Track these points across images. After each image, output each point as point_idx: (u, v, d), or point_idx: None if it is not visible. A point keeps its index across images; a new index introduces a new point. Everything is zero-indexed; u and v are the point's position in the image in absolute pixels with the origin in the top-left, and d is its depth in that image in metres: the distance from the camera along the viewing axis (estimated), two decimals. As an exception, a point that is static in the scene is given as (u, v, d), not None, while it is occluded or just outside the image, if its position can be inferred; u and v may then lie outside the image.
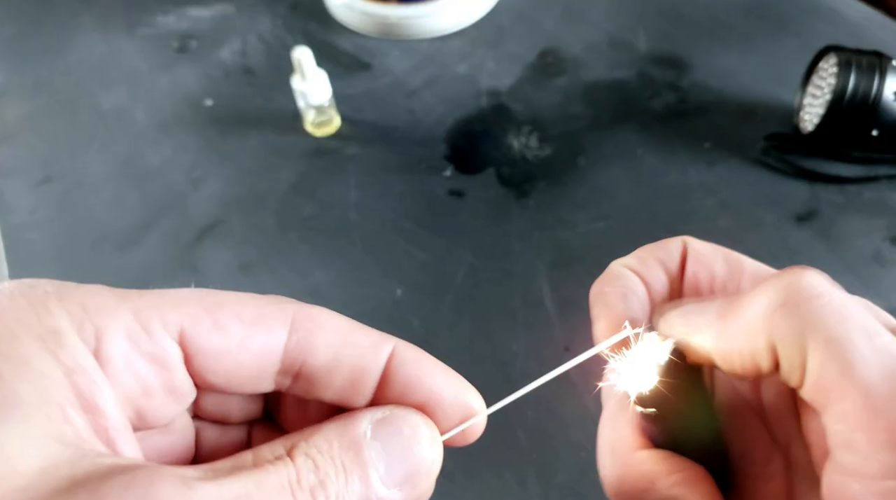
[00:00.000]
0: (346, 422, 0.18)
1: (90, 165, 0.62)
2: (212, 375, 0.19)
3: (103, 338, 0.17)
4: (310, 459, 0.17)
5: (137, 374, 0.18)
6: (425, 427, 0.19)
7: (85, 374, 0.16)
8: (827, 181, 0.56)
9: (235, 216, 0.58)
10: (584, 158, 0.60)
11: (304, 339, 0.19)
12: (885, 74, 0.52)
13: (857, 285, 0.50)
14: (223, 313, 0.18)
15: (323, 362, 0.19)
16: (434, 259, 0.54)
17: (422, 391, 0.20)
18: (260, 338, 0.19)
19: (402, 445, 0.19)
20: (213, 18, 0.74)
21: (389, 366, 0.20)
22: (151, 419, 0.18)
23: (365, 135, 0.63)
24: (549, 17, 0.71)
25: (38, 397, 0.15)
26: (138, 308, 0.18)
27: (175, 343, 0.18)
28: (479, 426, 0.21)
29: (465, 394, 0.21)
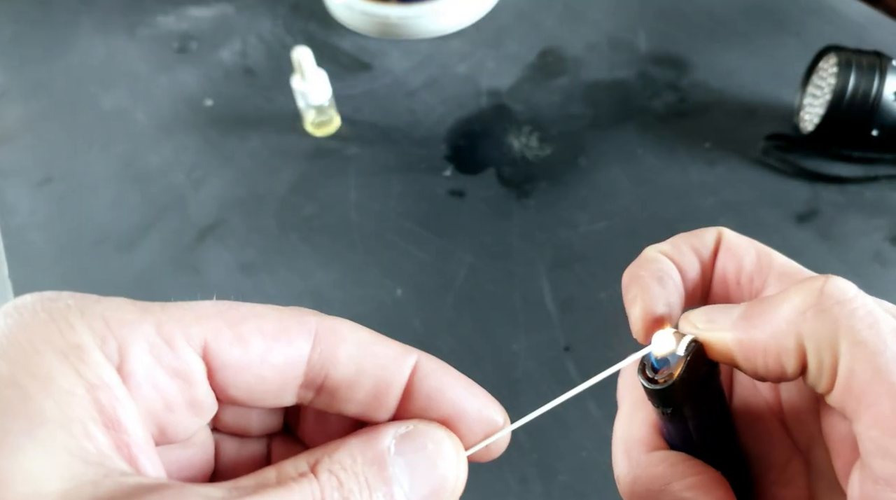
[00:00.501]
0: (369, 437, 0.18)
1: (90, 165, 0.62)
2: (234, 389, 0.18)
3: (126, 352, 0.17)
4: (333, 475, 0.17)
5: (160, 388, 0.17)
6: (449, 442, 0.19)
7: (107, 389, 0.16)
8: (827, 181, 0.56)
9: (236, 217, 0.58)
10: (584, 158, 0.60)
11: (327, 351, 0.19)
12: (885, 74, 0.52)
13: (858, 285, 0.50)
14: (245, 326, 0.18)
15: (346, 375, 0.19)
16: (434, 259, 0.54)
17: (445, 405, 0.20)
18: (282, 351, 0.18)
19: (426, 461, 0.18)
20: (213, 19, 0.74)
21: (412, 379, 0.20)
22: (172, 433, 0.18)
23: (365, 135, 0.63)
24: (549, 17, 0.71)
25: (62, 413, 0.15)
26: (161, 322, 0.17)
27: (198, 357, 0.18)
28: (503, 440, 0.21)
29: (489, 408, 0.20)
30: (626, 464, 0.23)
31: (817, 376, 0.19)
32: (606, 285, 0.52)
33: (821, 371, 0.18)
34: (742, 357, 0.20)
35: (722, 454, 0.22)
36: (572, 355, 0.49)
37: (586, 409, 0.46)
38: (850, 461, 0.19)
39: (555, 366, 0.48)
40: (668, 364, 0.21)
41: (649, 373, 0.21)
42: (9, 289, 0.55)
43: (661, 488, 0.21)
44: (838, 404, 0.18)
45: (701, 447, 0.22)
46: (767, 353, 0.19)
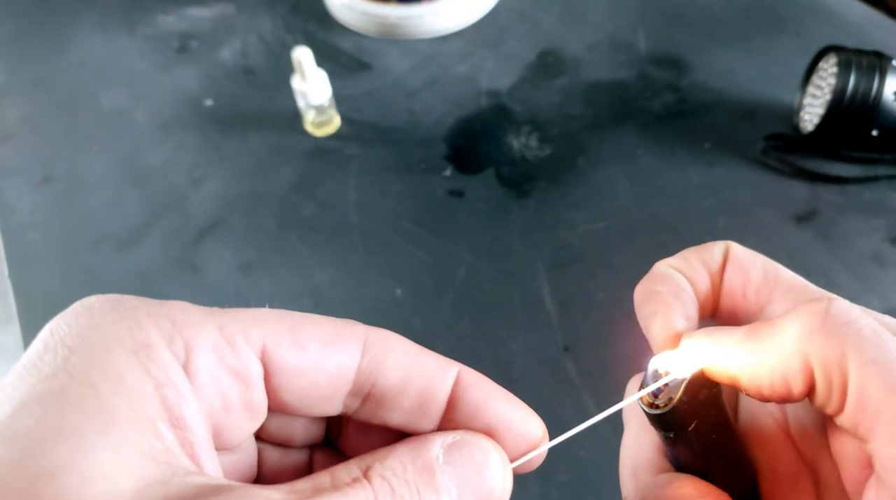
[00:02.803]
0: (418, 444, 0.18)
1: (90, 165, 0.62)
2: (287, 393, 0.19)
3: (192, 352, 0.17)
4: (385, 482, 0.17)
5: (221, 388, 0.18)
6: (496, 454, 0.19)
7: (174, 388, 0.17)
8: (827, 181, 0.56)
9: (235, 216, 0.58)
10: (584, 158, 0.60)
11: (376, 359, 0.19)
12: (885, 74, 0.52)
13: (857, 286, 0.50)
14: (303, 331, 0.19)
15: (393, 384, 0.19)
16: (434, 259, 0.54)
17: (489, 416, 0.20)
18: (336, 357, 0.19)
19: (473, 471, 0.19)
20: (213, 18, 0.74)
21: (455, 389, 0.20)
22: (226, 437, 0.18)
23: (365, 135, 0.63)
24: (549, 17, 0.71)
25: (133, 412, 0.16)
26: (223, 324, 0.18)
27: (257, 359, 0.18)
28: (541, 459, 0.21)
29: (530, 421, 0.21)
30: (633, 486, 0.23)
31: (826, 397, 0.19)
32: (605, 286, 0.52)
33: (830, 392, 0.19)
34: (747, 380, 0.20)
35: (728, 473, 0.22)
36: (571, 355, 0.49)
37: (585, 409, 0.46)
38: (860, 478, 0.19)
39: (554, 366, 0.48)
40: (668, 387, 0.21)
41: (649, 398, 0.21)
42: (8, 288, 0.55)
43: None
44: (850, 423, 0.18)
45: (706, 468, 0.22)
46: (773, 375, 0.19)
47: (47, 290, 0.55)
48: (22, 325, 0.53)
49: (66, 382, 0.16)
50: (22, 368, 0.16)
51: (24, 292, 0.55)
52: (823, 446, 0.22)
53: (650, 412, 0.21)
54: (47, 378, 0.16)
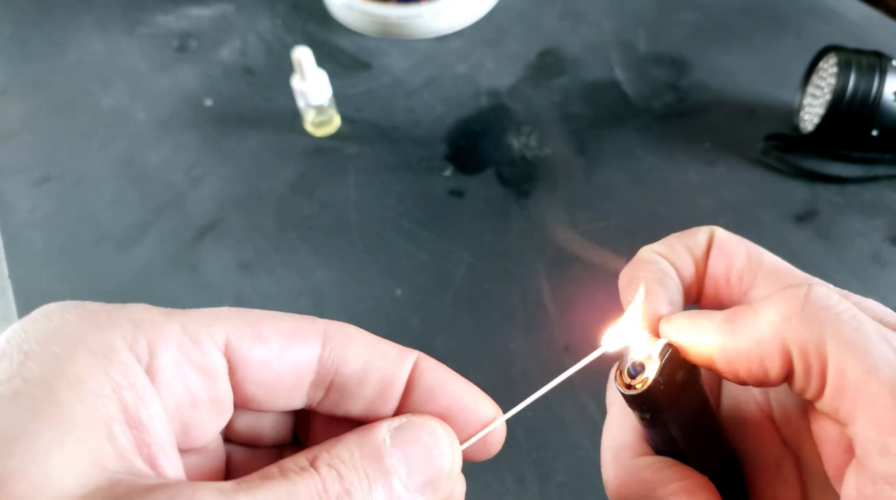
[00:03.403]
0: (365, 431, 0.19)
1: (90, 164, 0.62)
2: (252, 385, 0.19)
3: (156, 350, 0.18)
4: (333, 469, 0.18)
5: (187, 384, 0.18)
6: (443, 432, 0.20)
7: (133, 389, 0.17)
8: (827, 181, 0.56)
9: (235, 216, 0.58)
10: (584, 158, 0.60)
11: (337, 349, 0.20)
12: (885, 74, 0.52)
13: (857, 285, 0.50)
14: (264, 325, 0.19)
15: (354, 371, 0.20)
16: (434, 259, 0.54)
17: (443, 399, 0.20)
18: (298, 349, 0.19)
19: (422, 451, 0.19)
20: (212, 18, 0.74)
21: (413, 375, 0.21)
22: (195, 433, 0.19)
23: (365, 135, 0.63)
24: (549, 17, 0.71)
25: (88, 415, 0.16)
26: (184, 322, 0.18)
27: (221, 355, 0.19)
28: (500, 437, 0.21)
29: (484, 402, 0.21)
30: (613, 469, 0.23)
31: (804, 381, 0.19)
32: (605, 285, 0.52)
33: (809, 376, 0.19)
34: (723, 362, 0.20)
35: (708, 457, 0.22)
36: (571, 354, 0.49)
37: (584, 409, 0.46)
38: (841, 462, 0.19)
39: (553, 366, 0.48)
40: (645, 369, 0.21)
41: (626, 379, 0.21)
42: (8, 287, 0.55)
43: (646, 493, 0.21)
44: (830, 407, 0.18)
45: (685, 451, 0.22)
46: (750, 358, 0.19)
47: (47, 289, 0.55)
48: (21, 324, 0.53)
49: (20, 386, 0.16)
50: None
51: (24, 291, 0.55)
52: (806, 431, 0.22)
53: (626, 393, 0.21)
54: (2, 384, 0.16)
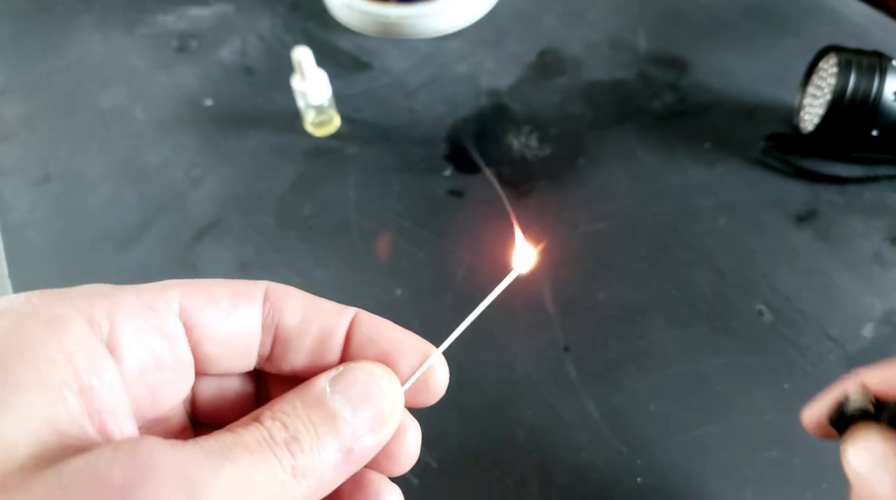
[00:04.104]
0: (304, 386, 0.20)
1: (89, 164, 0.62)
2: (209, 344, 0.20)
3: (116, 319, 0.18)
4: (277, 420, 0.18)
5: (150, 348, 0.19)
6: (380, 371, 0.21)
7: (86, 357, 0.17)
8: (827, 181, 0.56)
9: (235, 216, 0.58)
10: (584, 158, 0.60)
11: (277, 304, 0.21)
12: (885, 74, 0.52)
13: (857, 286, 0.50)
14: (213, 289, 0.20)
15: (294, 324, 0.21)
16: (433, 259, 0.54)
17: (381, 346, 0.22)
18: (244, 307, 0.21)
19: (362, 391, 0.20)
20: (212, 18, 0.74)
21: (352, 325, 0.22)
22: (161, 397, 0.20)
23: (365, 135, 0.63)
24: (549, 17, 0.71)
25: (39, 380, 0.16)
26: (138, 291, 0.19)
27: (177, 318, 0.20)
28: (441, 378, 0.22)
29: (420, 343, 0.22)
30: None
31: None
32: (605, 286, 0.52)
33: None
34: None
35: None
36: (572, 355, 0.49)
37: (585, 409, 0.46)
38: None
39: (554, 367, 0.48)
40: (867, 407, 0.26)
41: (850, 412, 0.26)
42: (8, 287, 0.55)
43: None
44: None
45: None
46: None
47: (46, 288, 0.55)
48: (21, 324, 0.53)
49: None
50: None
51: (24, 291, 0.55)
52: None
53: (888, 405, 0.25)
54: None
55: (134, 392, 0.19)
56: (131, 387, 0.19)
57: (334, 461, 0.18)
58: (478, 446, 0.45)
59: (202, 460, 0.16)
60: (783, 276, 0.51)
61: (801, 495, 0.42)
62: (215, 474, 0.16)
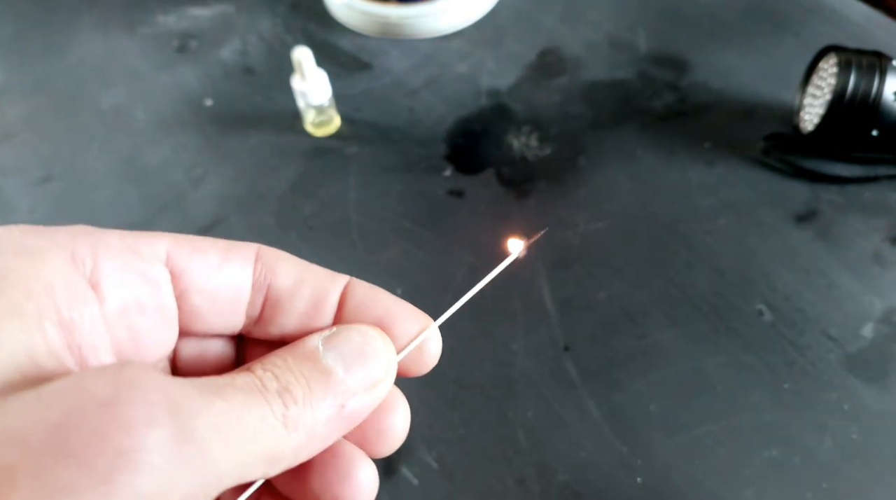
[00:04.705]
0: (295, 343, 0.19)
1: (90, 164, 0.62)
2: (195, 296, 0.20)
3: (98, 256, 0.18)
4: (268, 371, 0.18)
5: (133, 291, 0.18)
6: (374, 331, 0.20)
7: (66, 290, 0.16)
8: (827, 181, 0.56)
9: (235, 216, 0.58)
10: (584, 158, 0.60)
11: (269, 265, 0.21)
12: (885, 74, 0.52)
13: (857, 286, 0.50)
14: (202, 242, 0.20)
15: (286, 286, 0.21)
16: (434, 259, 0.54)
17: (375, 312, 0.21)
18: (234, 263, 0.20)
19: (356, 350, 0.19)
20: (213, 18, 0.74)
21: (346, 291, 0.21)
22: (144, 343, 0.19)
23: (365, 135, 0.63)
24: (549, 17, 0.71)
25: (17, 308, 0.15)
26: (123, 235, 0.19)
27: (163, 265, 0.19)
28: (435, 349, 0.22)
29: (415, 313, 0.22)
30: None
31: None
32: (605, 285, 0.52)
33: None
34: None
35: None
36: (572, 354, 0.49)
37: (585, 409, 0.46)
38: None
39: (554, 366, 0.48)
40: None
41: None
42: (8, 288, 0.55)
43: None
44: None
45: None
46: None
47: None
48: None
49: None
50: None
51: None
52: None
53: None
54: None
55: (115, 333, 0.18)
56: (113, 327, 0.18)
57: (326, 417, 0.18)
58: (478, 445, 0.45)
59: (192, 392, 0.15)
60: (783, 276, 0.51)
61: (801, 495, 0.42)
62: (206, 405, 0.15)
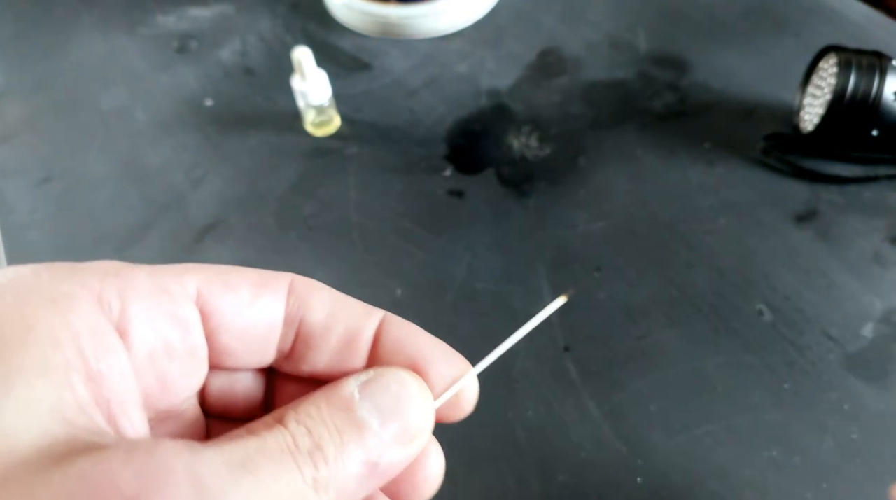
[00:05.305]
0: (332, 387, 0.19)
1: (90, 164, 0.62)
2: (226, 335, 0.19)
3: (127, 299, 0.17)
4: (301, 425, 0.17)
5: (162, 334, 0.18)
6: (412, 380, 0.19)
7: (95, 337, 0.16)
8: (827, 181, 0.56)
9: (235, 216, 0.58)
10: (584, 158, 0.60)
11: (302, 297, 0.20)
12: (885, 74, 0.52)
13: (857, 286, 0.50)
14: (232, 276, 0.19)
15: (319, 320, 0.20)
16: (434, 259, 0.54)
17: (411, 353, 0.20)
18: (266, 297, 0.20)
19: (393, 400, 0.18)
20: (213, 18, 0.74)
21: (381, 329, 0.21)
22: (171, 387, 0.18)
23: (365, 135, 0.63)
24: (549, 17, 0.71)
25: (44, 362, 0.15)
26: (152, 272, 0.18)
27: (193, 304, 0.18)
28: (472, 395, 0.21)
29: (453, 357, 0.21)
30: None
31: None
32: (606, 285, 0.52)
33: None
34: None
35: None
36: (572, 355, 0.49)
37: (585, 409, 0.46)
38: None
39: (554, 366, 0.48)
40: None
41: None
42: (8, 288, 0.55)
43: None
44: None
45: None
46: None
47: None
48: (22, 325, 0.53)
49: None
50: None
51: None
52: None
53: None
54: None
55: (144, 381, 0.17)
56: (141, 375, 0.17)
57: (357, 474, 0.17)
58: (478, 445, 0.45)
59: (221, 469, 0.15)
60: (783, 276, 0.51)
61: (801, 495, 0.42)
62: (235, 486, 0.15)
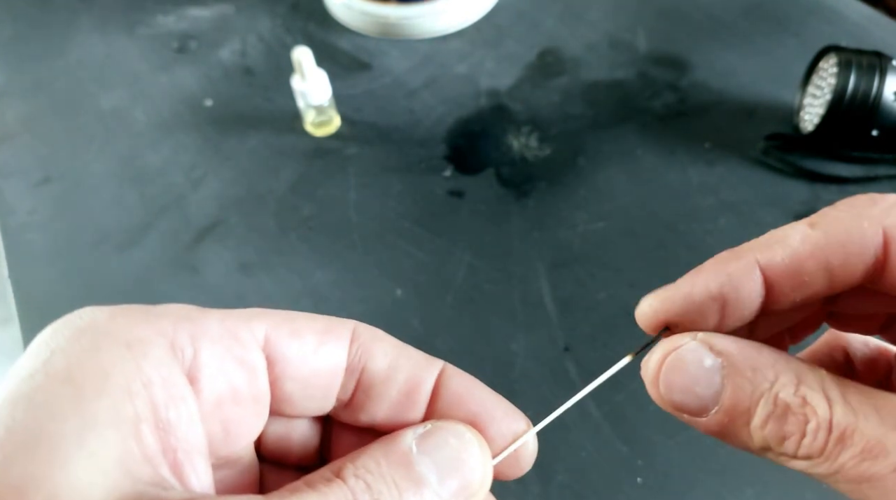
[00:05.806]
0: (389, 440, 0.18)
1: (90, 165, 0.62)
2: (290, 382, 0.19)
3: (199, 344, 0.17)
4: (360, 479, 0.17)
5: (230, 379, 0.18)
6: (471, 436, 0.19)
7: (165, 386, 0.16)
8: (827, 181, 0.56)
9: (235, 216, 0.58)
10: (584, 158, 0.60)
11: (365, 346, 0.20)
12: (885, 74, 0.52)
13: (858, 285, 0.50)
14: (299, 322, 0.19)
15: (380, 370, 0.20)
16: (434, 259, 0.54)
17: (470, 407, 0.20)
18: (331, 345, 0.19)
19: (451, 456, 0.18)
20: (212, 18, 0.74)
21: (440, 380, 0.20)
22: (234, 434, 0.18)
23: (365, 135, 0.63)
24: (549, 17, 0.71)
25: (114, 412, 0.15)
26: (223, 318, 0.18)
27: (260, 350, 0.18)
28: (531, 452, 0.21)
29: (513, 413, 0.20)
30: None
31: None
32: (606, 285, 0.52)
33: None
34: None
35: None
36: (572, 355, 0.49)
37: (586, 410, 0.46)
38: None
39: (554, 366, 0.48)
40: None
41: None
42: (8, 289, 0.55)
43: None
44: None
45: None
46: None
47: (47, 290, 0.55)
48: (22, 325, 0.53)
49: (42, 383, 0.15)
50: (5, 376, 0.16)
51: (24, 292, 0.55)
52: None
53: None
54: (23, 381, 0.15)
55: (209, 427, 0.18)
56: (207, 421, 0.17)
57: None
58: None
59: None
60: (783, 276, 0.51)
61: (801, 495, 0.42)
62: None
